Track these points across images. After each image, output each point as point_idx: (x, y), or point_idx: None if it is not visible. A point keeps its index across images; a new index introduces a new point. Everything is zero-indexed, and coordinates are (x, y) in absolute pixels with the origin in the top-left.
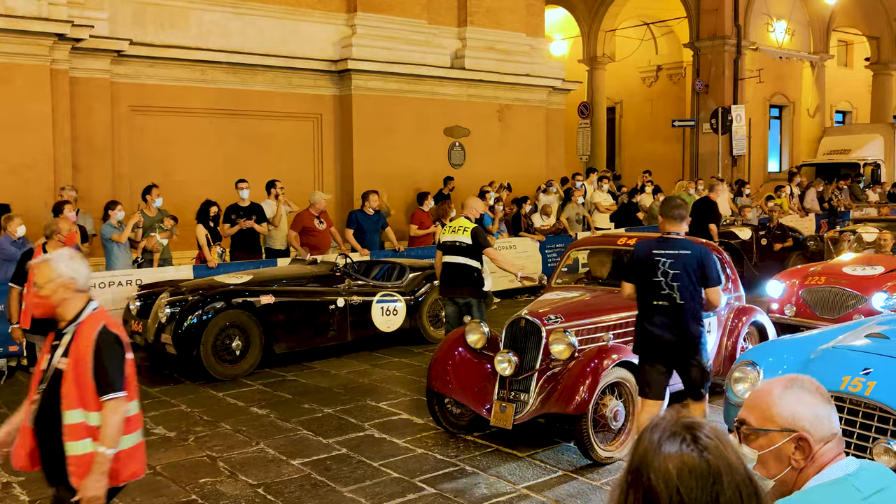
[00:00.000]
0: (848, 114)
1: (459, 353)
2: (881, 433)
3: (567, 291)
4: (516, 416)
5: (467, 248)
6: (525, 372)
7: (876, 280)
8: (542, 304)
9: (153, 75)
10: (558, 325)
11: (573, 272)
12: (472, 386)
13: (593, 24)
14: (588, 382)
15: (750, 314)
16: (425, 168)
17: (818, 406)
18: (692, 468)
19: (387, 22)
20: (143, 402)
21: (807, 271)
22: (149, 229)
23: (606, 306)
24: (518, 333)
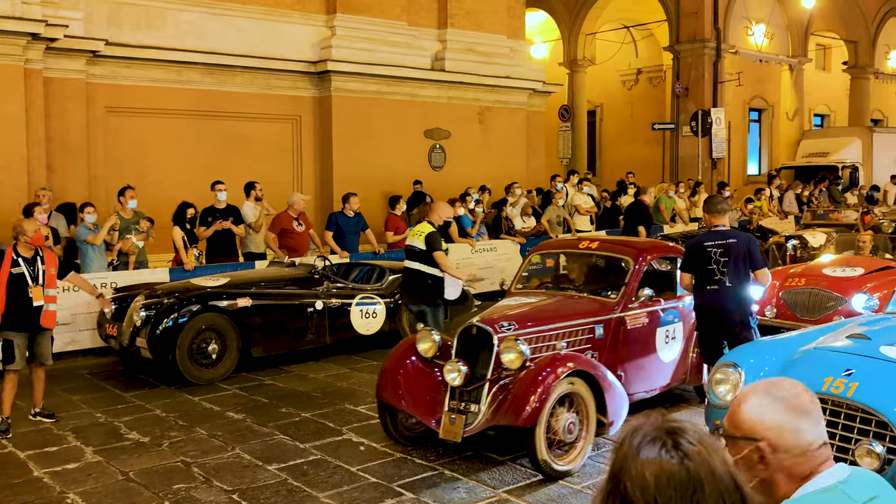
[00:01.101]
0: (826, 117)
1: (410, 363)
2: (863, 434)
3: (526, 297)
4: (466, 428)
5: (421, 254)
6: (476, 382)
7: (855, 281)
8: (497, 310)
9: (129, 76)
10: (511, 332)
11: (544, 275)
12: (423, 397)
13: (573, 27)
14: (538, 393)
15: None
16: (405, 170)
17: (785, 415)
18: (670, 475)
19: (366, 23)
20: (118, 406)
21: (787, 273)
22: (124, 231)
23: (563, 312)
24: (470, 341)
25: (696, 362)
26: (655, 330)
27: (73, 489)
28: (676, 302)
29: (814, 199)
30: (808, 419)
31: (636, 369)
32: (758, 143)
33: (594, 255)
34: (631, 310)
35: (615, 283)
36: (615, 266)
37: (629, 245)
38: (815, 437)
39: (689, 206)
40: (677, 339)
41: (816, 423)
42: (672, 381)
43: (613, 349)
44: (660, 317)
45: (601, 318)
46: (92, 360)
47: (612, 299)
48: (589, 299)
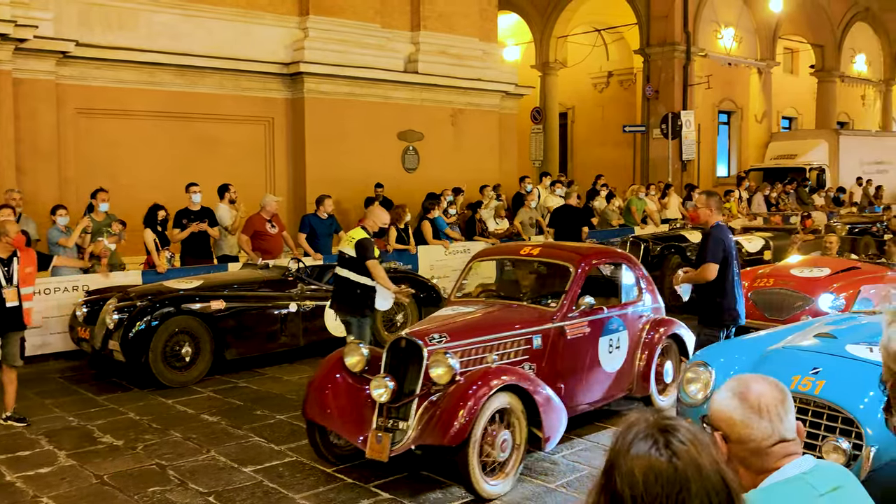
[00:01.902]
0: (794, 120)
1: (337, 378)
2: (830, 431)
3: (464, 306)
4: (393, 447)
5: (352, 261)
6: (405, 398)
7: (822, 281)
8: (431, 321)
9: (100, 77)
10: (442, 345)
11: (488, 282)
12: (350, 414)
13: (545, 30)
14: (466, 410)
15: (668, 327)
16: (379, 172)
17: (737, 410)
18: (658, 473)
19: (339, 25)
20: (90, 410)
21: (755, 274)
22: (96, 234)
23: (499, 323)
24: (399, 355)
25: (644, 371)
26: (598, 339)
27: (47, 493)
28: (621, 309)
29: (781, 201)
30: (762, 417)
31: (577, 381)
32: (727, 145)
33: (536, 261)
34: (571, 319)
35: (557, 290)
36: (557, 273)
37: (571, 251)
38: (768, 434)
39: (659, 207)
40: (622, 349)
41: (773, 421)
42: (617, 392)
43: (552, 360)
44: (603, 325)
45: (539, 327)
46: (64, 364)
47: (551, 308)
48: (528, 308)
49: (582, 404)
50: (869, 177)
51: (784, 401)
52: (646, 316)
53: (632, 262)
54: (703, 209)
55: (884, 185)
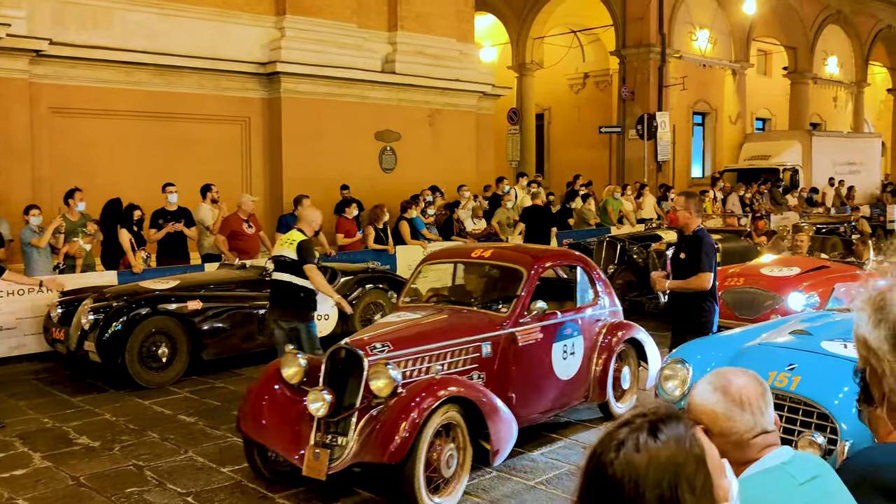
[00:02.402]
0: (767, 121)
1: (274, 391)
2: (806, 426)
3: (412, 312)
4: (331, 464)
5: (293, 264)
6: (344, 411)
7: (792, 280)
8: (374, 329)
9: (75, 76)
10: (384, 354)
11: (440, 286)
12: (287, 429)
13: (522, 31)
14: (409, 424)
15: (626, 331)
16: (356, 172)
17: (720, 403)
18: (627, 463)
19: (316, 25)
20: (66, 411)
21: (726, 273)
22: (71, 234)
23: (446, 330)
24: (338, 366)
25: (600, 377)
26: (551, 345)
27: (22, 495)
28: (576, 314)
29: (756, 201)
30: (744, 410)
31: (529, 390)
32: (701, 146)
33: (487, 264)
34: (522, 324)
35: (509, 294)
36: (509, 276)
37: (524, 254)
38: (750, 427)
39: (635, 207)
40: (577, 355)
41: (755, 414)
42: (572, 400)
43: (503, 368)
44: (556, 330)
45: (489, 334)
46: (38, 365)
47: (502, 313)
48: (478, 314)
49: (534, 413)
50: (841, 177)
51: (764, 393)
52: (602, 320)
53: (587, 264)
54: (682, 212)
55: (855, 185)
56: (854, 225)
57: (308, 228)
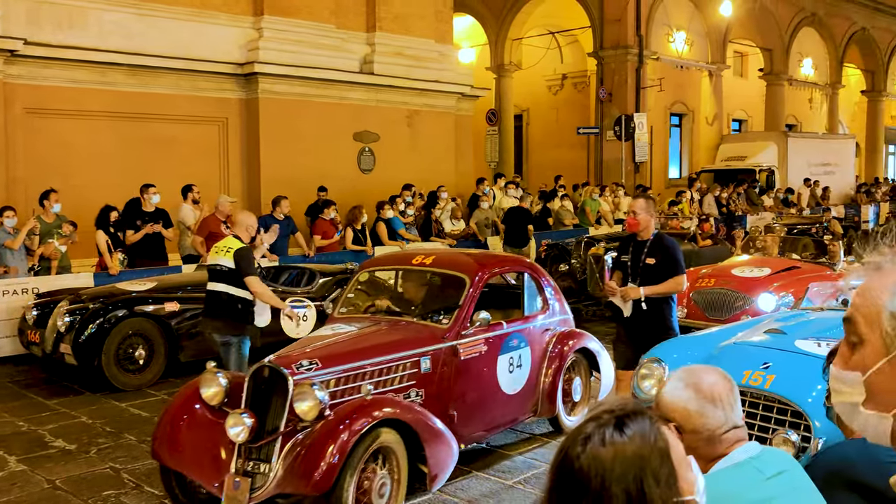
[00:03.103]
0: (744, 122)
1: (193, 413)
2: (780, 424)
3: (347, 324)
4: (252, 494)
5: (229, 274)
6: (267, 436)
7: (762, 281)
8: (303, 344)
9: (50, 76)
10: (311, 373)
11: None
12: (206, 455)
13: (500, 32)
14: (336, 450)
15: (577, 340)
16: (335, 173)
17: (691, 400)
18: (593, 457)
19: (294, 26)
20: (41, 414)
21: (698, 274)
22: (46, 235)
23: (381, 344)
24: (262, 386)
25: (549, 390)
26: (496, 358)
27: None
28: (523, 323)
29: (732, 202)
30: (716, 406)
31: (472, 406)
32: (679, 147)
33: (428, 271)
34: (465, 336)
35: (452, 304)
36: (452, 284)
37: (468, 260)
38: (722, 423)
39: (612, 208)
40: (524, 367)
41: (726, 409)
42: (520, 415)
43: (443, 385)
44: (502, 342)
45: (428, 348)
46: (13, 368)
47: (443, 325)
48: (417, 326)
49: (478, 431)
50: (816, 178)
51: (732, 389)
52: (552, 329)
53: (536, 270)
54: (643, 215)
55: (830, 186)
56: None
57: (245, 234)
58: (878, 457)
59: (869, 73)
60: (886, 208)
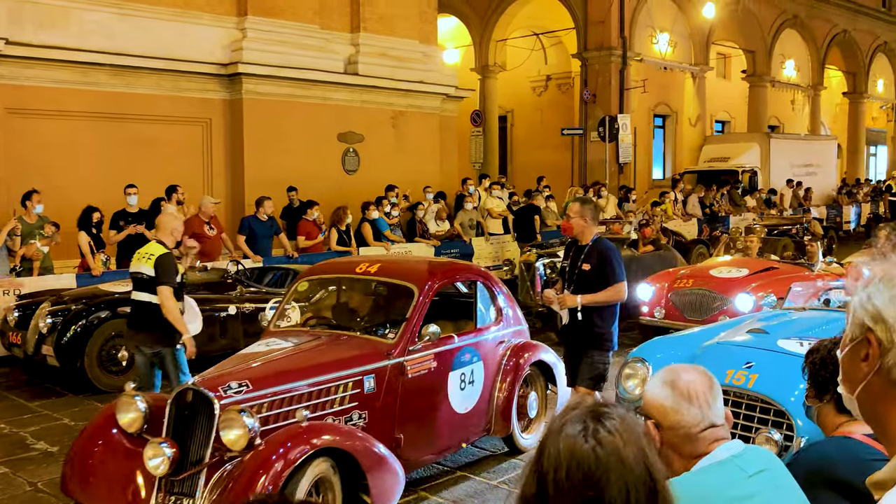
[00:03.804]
0: (727, 123)
1: (108, 441)
2: (763, 423)
3: (284, 339)
4: None
5: (151, 282)
6: (190, 468)
7: (740, 282)
8: (233, 361)
9: (32, 76)
10: (240, 396)
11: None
12: (122, 489)
13: (485, 33)
14: (264, 485)
15: (532, 352)
16: (319, 174)
17: (668, 398)
18: (580, 460)
19: (278, 26)
20: (23, 416)
21: (676, 274)
22: (28, 236)
23: (320, 362)
24: (185, 411)
25: (504, 407)
26: (447, 375)
27: None
28: (476, 336)
29: (716, 203)
30: (692, 404)
31: (421, 428)
32: (662, 148)
33: (373, 281)
34: (413, 352)
35: (399, 317)
36: (399, 295)
37: (416, 268)
38: (698, 420)
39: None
40: (476, 384)
41: (702, 407)
42: (472, 435)
43: (389, 406)
44: (453, 357)
45: (372, 366)
46: None
47: (388, 340)
48: (360, 341)
49: (427, 455)
50: (799, 179)
51: (712, 387)
52: (506, 341)
53: (489, 278)
54: (577, 220)
55: (812, 187)
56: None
57: (169, 239)
58: (858, 455)
59: (850, 75)
60: (868, 209)
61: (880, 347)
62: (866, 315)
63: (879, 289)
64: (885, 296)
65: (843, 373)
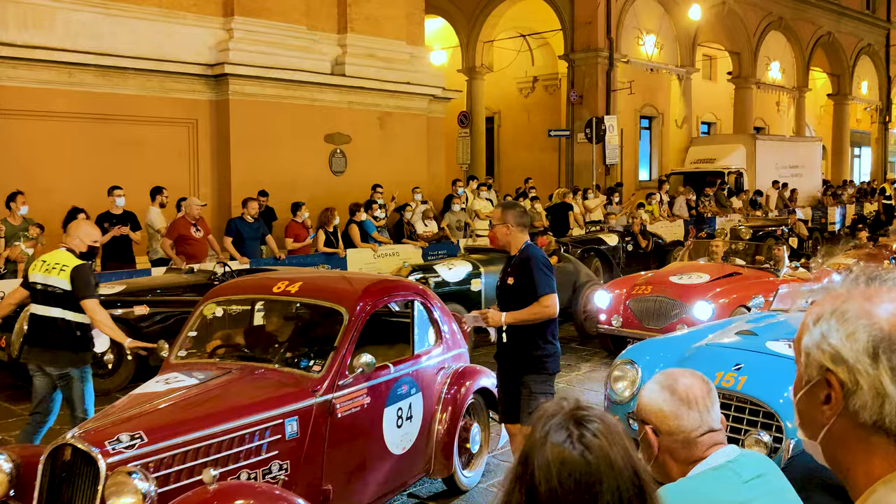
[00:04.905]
0: (712, 125)
1: None
2: (752, 425)
3: (186, 374)
4: None
5: (65, 296)
6: None
7: (699, 288)
8: (124, 406)
9: (15, 77)
10: (132, 452)
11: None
12: None
13: (472, 34)
14: None
15: (474, 378)
16: (306, 175)
17: (667, 402)
18: (571, 468)
19: (265, 26)
20: (7, 420)
21: (635, 281)
22: (12, 238)
23: (231, 405)
24: (61, 473)
25: (444, 443)
26: (382, 411)
27: None
28: (414, 364)
29: (702, 204)
30: (690, 408)
31: (353, 476)
32: (648, 149)
33: (295, 302)
34: (343, 387)
35: (325, 344)
36: (326, 319)
37: (344, 287)
38: (697, 425)
39: (583, 210)
40: (414, 419)
41: (701, 412)
42: (409, 478)
43: (315, 453)
44: (389, 390)
45: (295, 406)
46: None
47: (314, 373)
48: (280, 376)
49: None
50: (784, 180)
51: (710, 392)
52: (446, 367)
53: (427, 296)
54: (499, 227)
55: (798, 188)
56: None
57: (78, 246)
58: None
59: (835, 77)
60: (852, 210)
61: (843, 389)
62: (823, 356)
63: (833, 326)
64: (842, 334)
65: (801, 417)
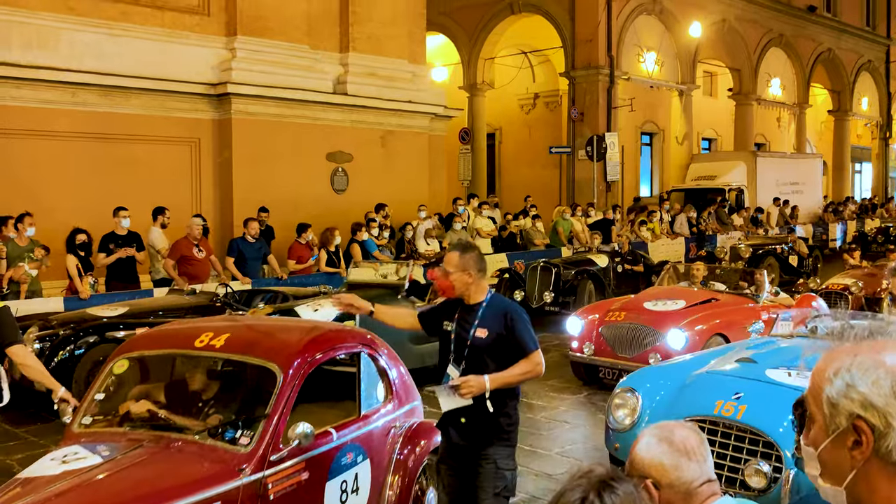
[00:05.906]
0: (713, 141)
1: None
2: (752, 455)
3: (89, 448)
4: None
5: None
6: None
7: (674, 315)
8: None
9: (18, 97)
10: None
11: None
12: None
13: (473, 51)
14: None
15: (429, 438)
16: (308, 193)
17: (667, 455)
18: None
19: (267, 46)
20: (9, 443)
21: (609, 306)
22: (16, 259)
23: (140, 493)
24: None
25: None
26: (324, 487)
27: None
28: (360, 427)
29: (703, 221)
30: (690, 459)
31: None
32: (649, 166)
33: (219, 358)
34: (276, 463)
35: (255, 410)
36: (256, 378)
37: (277, 341)
38: (697, 476)
39: (584, 228)
40: (361, 492)
41: (700, 462)
42: None
43: None
44: (332, 461)
45: (217, 490)
46: None
47: (241, 448)
48: (201, 450)
49: None
50: (785, 197)
51: (703, 442)
52: (398, 426)
53: (374, 346)
54: (458, 275)
55: (798, 205)
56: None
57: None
58: None
59: (835, 93)
60: (853, 227)
61: (874, 433)
62: (853, 403)
63: (857, 376)
64: (868, 380)
65: (825, 466)
